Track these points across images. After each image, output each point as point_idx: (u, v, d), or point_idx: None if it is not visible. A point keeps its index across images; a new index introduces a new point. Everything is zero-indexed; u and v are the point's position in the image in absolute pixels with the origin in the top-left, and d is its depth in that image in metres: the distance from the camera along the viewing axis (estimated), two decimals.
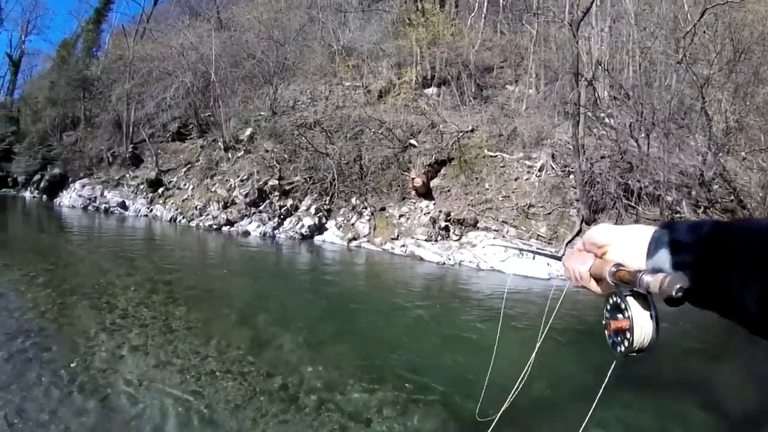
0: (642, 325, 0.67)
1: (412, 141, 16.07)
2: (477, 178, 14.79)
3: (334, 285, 9.55)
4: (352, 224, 14.66)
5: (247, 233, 14.83)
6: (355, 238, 14.15)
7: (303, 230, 14.52)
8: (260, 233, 14.65)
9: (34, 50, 46.41)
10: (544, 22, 19.93)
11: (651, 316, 0.67)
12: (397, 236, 13.90)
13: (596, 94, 16.25)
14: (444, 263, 12.32)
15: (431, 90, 18.93)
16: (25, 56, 42.01)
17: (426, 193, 14.96)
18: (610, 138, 14.58)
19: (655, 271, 0.62)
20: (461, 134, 15.84)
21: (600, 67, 16.42)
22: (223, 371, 4.63)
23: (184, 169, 19.47)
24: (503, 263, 12.15)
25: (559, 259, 1.02)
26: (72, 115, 27.71)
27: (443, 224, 13.72)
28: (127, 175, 21.30)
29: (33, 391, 3.94)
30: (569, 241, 12.34)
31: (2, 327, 5.39)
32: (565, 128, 15.08)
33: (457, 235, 13.60)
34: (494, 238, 13.23)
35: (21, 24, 41.84)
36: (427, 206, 14.66)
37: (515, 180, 14.42)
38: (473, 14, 22.43)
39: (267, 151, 17.25)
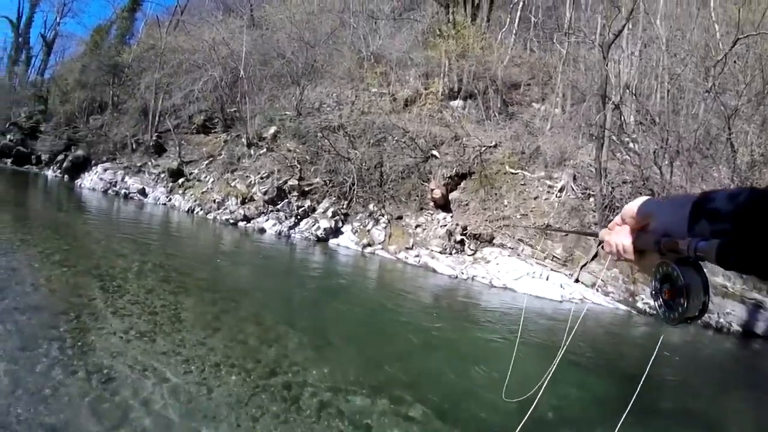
0: (695, 292, 0.68)
1: (434, 152, 16.03)
2: (496, 194, 14.69)
3: (345, 289, 9.55)
4: (368, 230, 14.65)
5: (263, 230, 14.88)
6: (369, 245, 14.13)
7: (319, 232, 14.52)
8: (276, 232, 14.67)
9: (68, 33, 47.75)
10: (574, 43, 19.86)
11: (702, 283, 0.69)
12: (412, 246, 13.86)
13: (622, 118, 16.12)
14: (456, 277, 12.26)
15: (457, 102, 18.87)
16: (59, 38, 42.98)
17: (444, 205, 14.94)
18: (633, 163, 14.43)
19: (701, 239, 0.63)
20: (484, 149, 15.78)
21: (628, 91, 16.30)
22: (227, 365, 4.64)
23: (206, 162, 19.66)
24: (516, 282, 12.09)
25: (595, 236, 1.03)
26: (100, 100, 28.23)
27: (459, 238, 13.69)
28: (149, 163, 21.55)
29: (37, 367, 3.96)
30: (584, 265, 12.25)
31: (13, 301, 5.45)
32: (588, 150, 14.98)
33: (471, 249, 13.56)
34: (509, 255, 13.19)
35: (57, 6, 42.79)
36: (444, 218, 14.64)
37: (534, 199, 14.32)
38: (504, 30, 22.42)
39: (289, 150, 17.35)
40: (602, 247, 0.92)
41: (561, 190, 14.28)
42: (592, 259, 12.18)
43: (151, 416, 3.55)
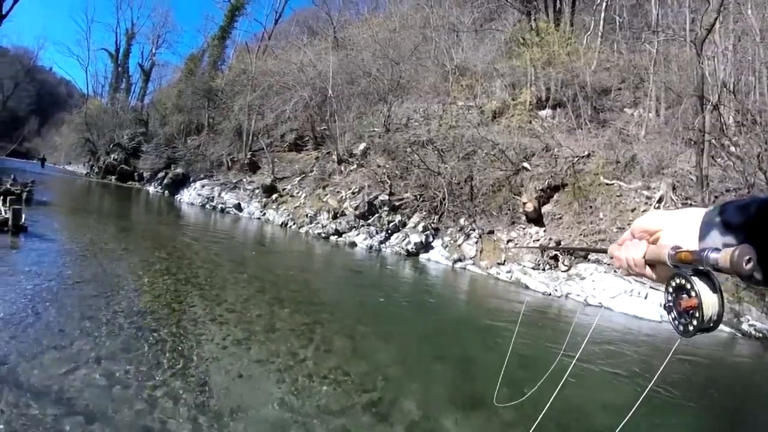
0: (709, 302, 0.68)
1: (525, 164, 15.64)
2: (591, 207, 14.06)
3: (436, 305, 9.36)
4: (459, 245, 14.47)
5: (353, 244, 15.15)
6: (460, 260, 13.94)
7: (409, 247, 14.55)
8: (367, 246, 14.90)
9: (164, 62, 52.70)
10: (664, 41, 18.82)
11: (716, 292, 0.68)
12: (504, 261, 13.48)
13: (721, 120, 15.01)
14: (550, 294, 11.76)
15: (546, 112, 18.37)
16: (155, 67, 47.57)
17: (537, 218, 14.43)
18: (736, 169, 13.32)
19: (714, 249, 0.63)
20: (576, 159, 15.22)
21: (725, 89, 15.17)
22: (319, 376, 4.64)
23: (298, 178, 20.58)
24: (613, 300, 11.49)
25: (604, 252, 1.01)
26: (196, 122, 30.55)
27: (552, 253, 13.31)
28: (244, 180, 22.92)
29: (139, 368, 4.17)
30: None
31: (118, 305, 5.79)
32: (687, 157, 14.03)
33: (566, 265, 13.05)
34: (605, 272, 12.67)
35: (152, 38, 47.44)
36: (537, 232, 14.18)
37: (631, 211, 13.59)
38: (589, 33, 21.70)
39: (379, 166, 17.71)
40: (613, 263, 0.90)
41: (660, 200, 13.49)
42: None
43: (243, 423, 3.62)
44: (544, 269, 13.05)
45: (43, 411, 3.25)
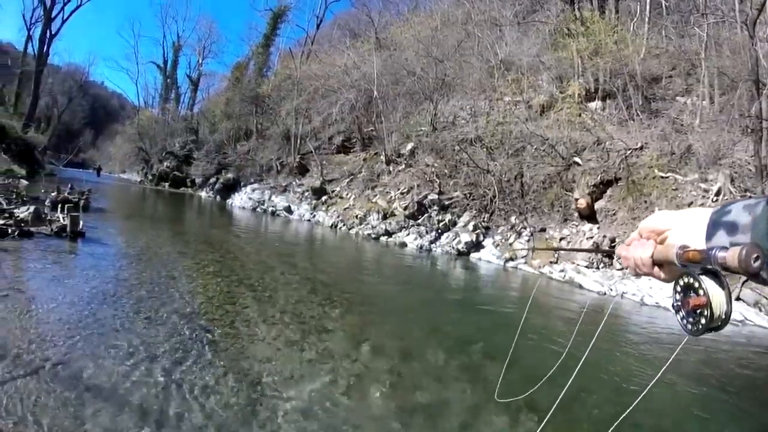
0: (718, 300, 0.68)
1: (576, 159, 15.39)
2: (646, 202, 13.62)
3: (488, 306, 9.06)
4: (510, 244, 14.40)
5: (404, 245, 15.29)
6: (512, 259, 13.78)
7: (460, 246, 14.60)
8: (417, 246, 15.02)
9: (211, 71, 54.76)
10: (713, 24, 18.06)
11: (725, 290, 0.69)
12: (557, 260, 13.23)
13: None
14: (605, 293, 11.34)
15: (595, 104, 17.98)
16: (203, 77, 49.42)
17: (590, 215, 14.20)
18: None
19: (722, 248, 0.64)
20: (629, 152, 14.87)
21: None
22: (371, 378, 4.62)
23: (347, 180, 21.05)
24: (670, 300, 11.21)
25: (612, 252, 1.04)
26: (245, 128, 31.57)
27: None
28: (294, 183, 23.61)
29: (192, 367, 4.23)
30: (745, 281, 11.08)
31: (173, 307, 5.88)
32: (744, 146, 13.45)
33: (621, 263, 12.81)
34: None
35: (198, 49, 49.30)
36: (591, 230, 13.89)
37: (688, 205, 12.99)
38: (635, 19, 21.08)
39: (427, 165, 17.85)
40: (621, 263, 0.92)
41: (718, 193, 12.94)
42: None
43: (294, 423, 3.65)
44: (598, 267, 12.74)
45: (99, 408, 3.39)
